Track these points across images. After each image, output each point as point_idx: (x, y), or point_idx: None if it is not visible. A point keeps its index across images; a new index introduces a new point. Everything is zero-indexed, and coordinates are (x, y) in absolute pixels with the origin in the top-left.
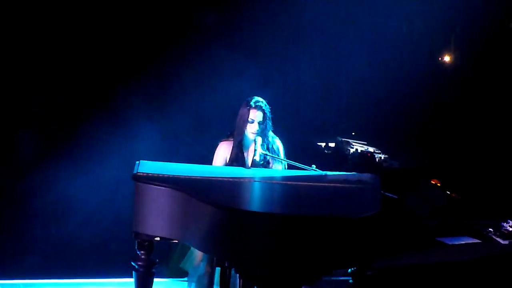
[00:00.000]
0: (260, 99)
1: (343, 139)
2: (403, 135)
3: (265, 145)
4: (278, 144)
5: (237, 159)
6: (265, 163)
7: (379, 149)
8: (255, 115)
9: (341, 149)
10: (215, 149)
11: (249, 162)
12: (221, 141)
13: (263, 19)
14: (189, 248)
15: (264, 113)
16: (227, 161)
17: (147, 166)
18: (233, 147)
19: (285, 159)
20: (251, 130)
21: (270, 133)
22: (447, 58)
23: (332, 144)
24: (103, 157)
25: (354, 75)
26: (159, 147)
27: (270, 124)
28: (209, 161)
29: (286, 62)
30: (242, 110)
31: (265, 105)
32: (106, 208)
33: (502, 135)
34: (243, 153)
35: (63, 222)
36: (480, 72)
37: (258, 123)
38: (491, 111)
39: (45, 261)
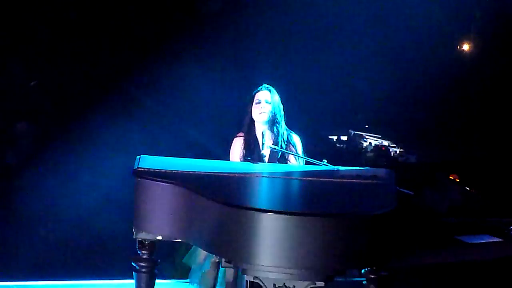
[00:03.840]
0: (269, 86)
1: (356, 132)
2: (420, 127)
3: (277, 138)
4: (295, 139)
5: (250, 153)
6: (281, 159)
7: (394, 143)
8: (262, 95)
9: (354, 142)
10: (229, 144)
11: (266, 156)
12: (236, 136)
13: (273, 9)
14: None
15: (271, 94)
16: (240, 156)
17: (148, 161)
18: (244, 139)
19: (297, 154)
20: (257, 111)
21: (285, 128)
22: (466, 47)
23: (344, 138)
24: (103, 152)
25: (368, 65)
26: (161, 141)
27: (279, 109)
28: (214, 156)
29: (297, 54)
30: (251, 97)
31: (273, 89)
32: (106, 206)
33: None
34: (258, 146)
35: (61, 220)
36: (502, 61)
37: (265, 101)
38: None
39: (43, 262)
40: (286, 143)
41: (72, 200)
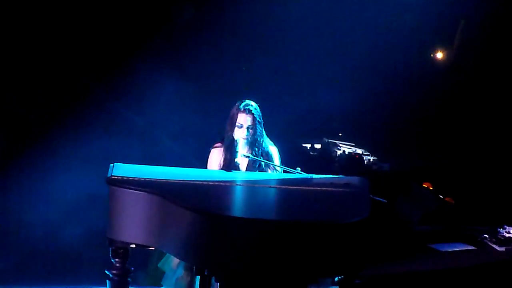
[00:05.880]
0: (251, 102)
1: (330, 140)
2: (393, 136)
3: (256, 150)
4: (272, 150)
5: (227, 164)
6: (259, 169)
7: (368, 151)
8: (244, 120)
9: (328, 150)
10: (207, 154)
11: (243, 168)
12: (213, 147)
13: (248, 17)
14: None
15: (254, 118)
16: (219, 166)
17: (122, 169)
18: (224, 152)
19: (269, 162)
20: (240, 135)
21: (265, 139)
22: (439, 55)
23: (318, 146)
24: (77, 159)
25: (342, 73)
26: (136, 149)
27: (261, 128)
28: (190, 164)
29: (271, 62)
30: (231, 113)
31: (255, 109)
32: (80, 214)
33: (498, 136)
34: (234, 158)
35: (33, 227)
36: (475, 70)
37: (247, 128)
38: (486, 112)
39: (15, 268)
40: (264, 155)
41: (48, 208)
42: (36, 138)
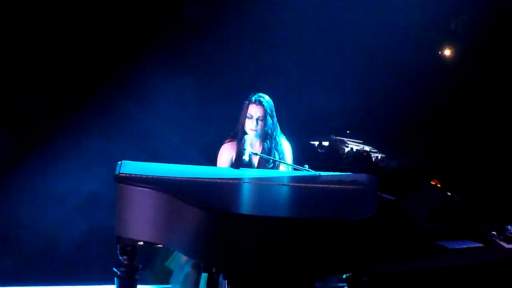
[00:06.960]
0: (263, 95)
1: (338, 137)
2: (401, 133)
3: (268, 143)
4: (284, 145)
5: (240, 158)
6: (271, 166)
7: (376, 148)
8: (254, 111)
9: (336, 148)
10: (215, 151)
11: (255, 163)
12: (225, 142)
13: (255, 14)
14: None
15: (264, 110)
16: (230, 163)
17: (129, 167)
18: (237, 147)
19: (281, 161)
20: (249, 126)
21: (279, 134)
22: (447, 52)
23: (326, 143)
24: (84, 157)
25: (349, 70)
26: (143, 147)
27: (272, 122)
28: (197, 162)
29: (279, 58)
30: (244, 105)
31: (267, 102)
32: (87, 211)
33: (506, 133)
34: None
35: (42, 225)
36: (483, 67)
37: (257, 119)
38: (494, 109)
39: (23, 266)
40: (278, 151)
41: (56, 205)
42: (39, 136)
